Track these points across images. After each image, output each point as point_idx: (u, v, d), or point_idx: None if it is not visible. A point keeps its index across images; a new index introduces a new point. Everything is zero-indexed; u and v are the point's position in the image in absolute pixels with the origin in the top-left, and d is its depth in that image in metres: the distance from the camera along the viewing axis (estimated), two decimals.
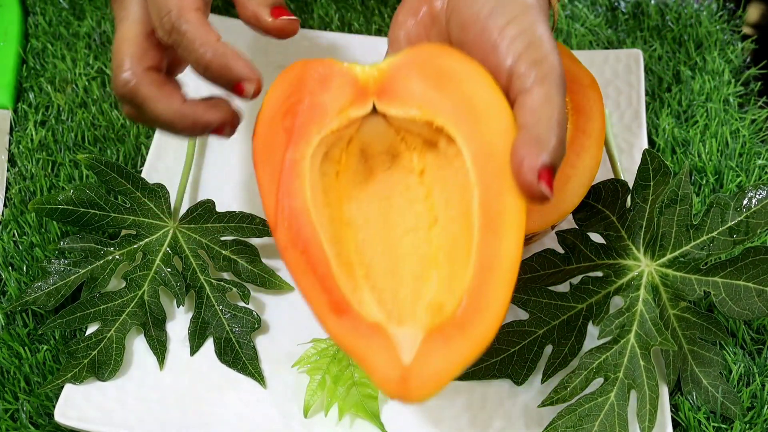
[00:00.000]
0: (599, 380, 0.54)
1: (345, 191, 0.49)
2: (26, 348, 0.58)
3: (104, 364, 0.56)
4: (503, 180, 0.43)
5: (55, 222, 0.63)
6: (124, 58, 0.46)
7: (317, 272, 0.44)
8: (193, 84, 0.53)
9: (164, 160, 0.66)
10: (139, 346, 0.58)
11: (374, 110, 0.47)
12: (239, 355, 0.57)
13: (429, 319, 0.44)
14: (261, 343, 0.59)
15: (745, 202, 0.53)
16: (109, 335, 0.57)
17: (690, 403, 0.55)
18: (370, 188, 0.49)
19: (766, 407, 0.55)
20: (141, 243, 0.60)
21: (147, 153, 0.67)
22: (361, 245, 0.48)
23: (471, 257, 0.43)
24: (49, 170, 0.68)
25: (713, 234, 0.54)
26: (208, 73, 0.46)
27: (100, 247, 0.60)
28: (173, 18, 0.45)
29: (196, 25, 0.45)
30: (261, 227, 0.60)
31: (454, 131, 0.45)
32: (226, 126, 0.47)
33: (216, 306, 0.59)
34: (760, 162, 0.67)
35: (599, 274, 0.56)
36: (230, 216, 0.60)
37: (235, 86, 0.46)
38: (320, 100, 0.47)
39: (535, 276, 0.57)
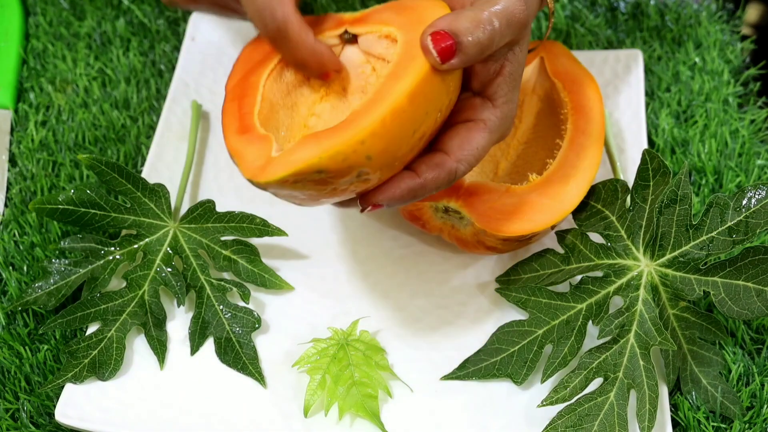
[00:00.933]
0: (599, 380, 0.54)
1: (320, 112, 0.58)
2: (27, 348, 0.58)
3: (104, 364, 0.56)
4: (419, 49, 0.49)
5: (55, 222, 0.63)
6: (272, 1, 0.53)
7: (242, 111, 0.52)
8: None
9: (164, 160, 0.66)
10: (139, 346, 0.59)
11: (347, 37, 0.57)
12: (239, 355, 0.57)
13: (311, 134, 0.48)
14: (261, 343, 0.59)
15: (744, 202, 0.53)
16: (109, 335, 0.57)
17: (690, 403, 0.55)
18: (342, 117, 0.54)
19: (765, 407, 0.55)
20: (141, 243, 0.60)
21: (147, 153, 0.68)
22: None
23: (369, 95, 0.48)
24: (50, 170, 0.68)
25: (713, 234, 0.54)
26: (302, 68, 0.55)
27: (100, 247, 0.60)
28: (278, 22, 0.52)
29: (297, 30, 0.53)
30: (261, 227, 0.60)
31: (398, 33, 0.52)
32: (331, 74, 0.56)
33: (216, 306, 0.59)
34: (759, 162, 0.67)
35: (599, 274, 0.56)
36: (230, 216, 0.60)
37: (322, 75, 0.56)
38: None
39: (534, 276, 0.57)
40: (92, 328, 0.58)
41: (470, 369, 0.56)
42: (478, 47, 0.48)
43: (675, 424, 0.55)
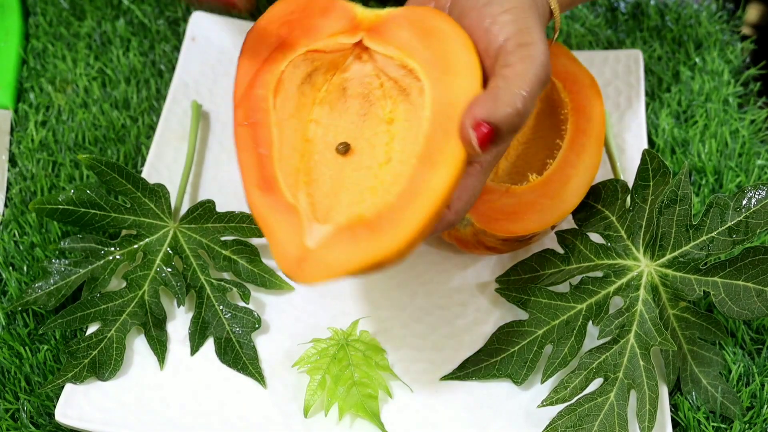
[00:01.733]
0: (599, 380, 0.54)
1: (318, 117, 0.53)
2: (27, 348, 0.58)
3: (104, 364, 0.56)
4: (454, 126, 0.46)
5: (55, 222, 0.63)
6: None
7: (258, 149, 0.49)
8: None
9: (164, 160, 0.66)
10: (139, 346, 0.58)
11: (362, 47, 0.52)
12: (239, 355, 0.57)
13: (345, 221, 0.47)
14: (261, 343, 0.59)
15: (744, 202, 0.53)
16: (109, 335, 0.57)
17: (690, 403, 0.55)
18: (341, 124, 0.53)
19: (765, 407, 0.55)
20: (141, 243, 0.60)
21: (147, 153, 0.68)
22: (313, 163, 0.52)
23: (402, 183, 0.46)
24: (50, 170, 0.68)
25: (713, 234, 0.54)
26: None
27: (100, 247, 0.60)
28: None
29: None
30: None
31: (423, 76, 0.48)
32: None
33: (216, 306, 0.59)
34: (759, 162, 0.67)
35: (599, 274, 0.56)
36: (230, 216, 0.60)
37: None
38: (317, 23, 0.52)
39: (534, 276, 0.57)
40: (92, 329, 0.58)
41: (470, 369, 0.56)
42: (513, 133, 0.46)
43: (675, 424, 0.55)
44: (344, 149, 0.51)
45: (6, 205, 0.66)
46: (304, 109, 0.53)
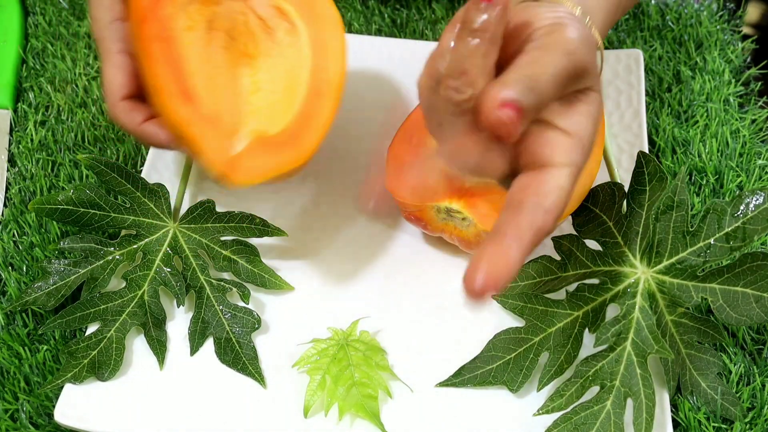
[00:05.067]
0: (595, 388, 0.54)
1: (190, 42, 0.58)
2: (26, 348, 0.58)
3: (104, 364, 0.56)
4: (331, 63, 0.56)
5: (54, 222, 0.63)
6: (107, 95, 0.55)
7: (173, 65, 0.53)
8: None
9: (164, 160, 0.66)
10: (139, 346, 0.58)
11: None
12: (239, 355, 0.57)
13: (256, 137, 0.54)
14: (261, 343, 0.59)
15: (741, 208, 0.53)
16: (109, 335, 0.57)
17: (690, 403, 0.55)
18: (207, 52, 0.58)
19: (766, 407, 0.55)
20: (141, 243, 0.60)
21: (147, 153, 0.67)
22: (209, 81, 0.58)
23: (294, 109, 0.55)
24: (49, 170, 0.68)
25: (710, 240, 0.53)
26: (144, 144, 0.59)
27: (100, 247, 0.60)
28: (110, 116, 0.56)
29: (122, 119, 0.55)
30: (261, 227, 0.60)
31: (298, 18, 0.57)
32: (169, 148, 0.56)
33: (216, 306, 0.59)
34: (760, 162, 0.67)
35: (595, 281, 0.56)
36: (230, 216, 0.60)
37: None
38: None
39: (531, 283, 0.57)
40: (92, 329, 0.58)
41: (466, 376, 0.56)
42: (535, 94, 0.41)
43: (675, 424, 0.55)
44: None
45: (5, 205, 0.66)
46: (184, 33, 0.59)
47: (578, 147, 0.42)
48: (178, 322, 0.60)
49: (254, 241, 0.61)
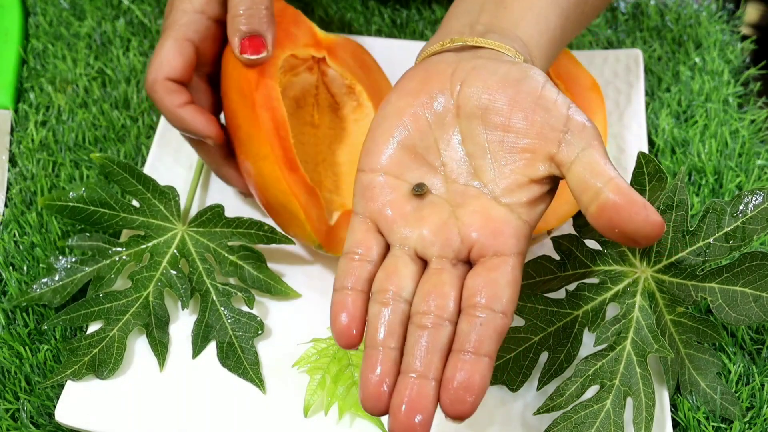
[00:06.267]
0: (595, 387, 0.54)
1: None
2: (27, 348, 0.58)
3: (104, 363, 0.56)
4: None
5: (56, 222, 0.63)
6: (152, 70, 0.57)
7: (279, 133, 0.57)
8: None
9: (164, 161, 0.66)
10: (140, 347, 0.59)
11: (319, 61, 0.63)
12: (241, 360, 0.57)
13: (342, 209, 0.60)
14: (261, 343, 0.59)
15: (741, 207, 0.52)
16: (111, 334, 0.57)
17: (689, 403, 0.55)
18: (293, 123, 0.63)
19: (765, 407, 0.55)
20: (149, 244, 0.60)
21: (147, 153, 0.68)
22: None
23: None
24: (50, 170, 0.68)
25: (709, 240, 0.53)
26: (175, 127, 0.59)
27: (107, 246, 0.60)
28: (148, 87, 0.58)
29: (161, 95, 0.57)
30: (269, 234, 0.60)
31: (366, 98, 0.63)
32: (208, 139, 0.58)
33: (220, 310, 0.58)
34: (759, 162, 0.67)
35: (595, 280, 0.56)
36: (239, 222, 0.60)
37: (201, 139, 0.59)
38: (293, 30, 0.62)
39: (530, 282, 0.57)
40: (94, 327, 0.58)
41: None
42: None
43: (675, 424, 0.55)
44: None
45: (6, 205, 0.66)
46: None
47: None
48: (180, 323, 0.60)
49: (261, 247, 0.61)
